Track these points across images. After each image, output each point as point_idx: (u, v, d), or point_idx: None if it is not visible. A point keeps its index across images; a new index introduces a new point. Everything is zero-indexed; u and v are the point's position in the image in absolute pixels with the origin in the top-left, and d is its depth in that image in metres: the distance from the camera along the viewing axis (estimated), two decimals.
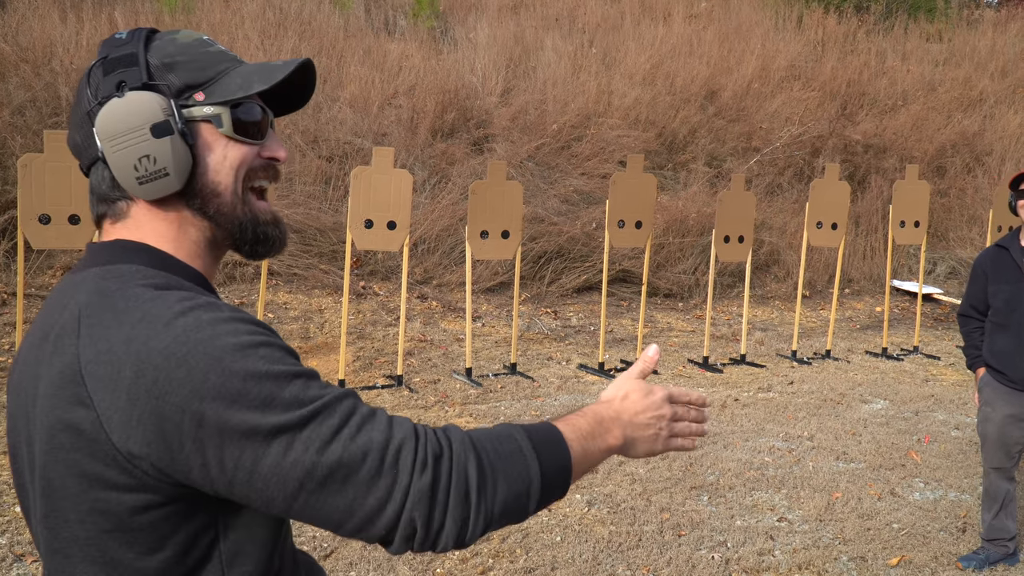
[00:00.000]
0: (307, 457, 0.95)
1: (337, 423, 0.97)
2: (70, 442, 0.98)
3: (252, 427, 0.94)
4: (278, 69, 1.12)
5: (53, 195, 5.20)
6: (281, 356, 0.98)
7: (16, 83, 8.06)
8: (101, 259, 1.08)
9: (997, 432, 3.89)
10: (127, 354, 0.95)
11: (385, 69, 10.24)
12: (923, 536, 4.36)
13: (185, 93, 1.09)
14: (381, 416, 1.01)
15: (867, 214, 10.82)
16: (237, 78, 1.11)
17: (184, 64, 1.10)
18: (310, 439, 0.95)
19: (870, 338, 8.71)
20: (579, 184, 9.59)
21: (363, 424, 0.99)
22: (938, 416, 6.33)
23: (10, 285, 6.57)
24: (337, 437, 0.96)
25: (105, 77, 1.08)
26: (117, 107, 1.06)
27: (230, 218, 1.13)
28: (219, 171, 1.11)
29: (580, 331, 8.04)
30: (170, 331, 0.95)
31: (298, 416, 0.95)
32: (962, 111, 12.93)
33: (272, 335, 1.01)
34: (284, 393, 0.95)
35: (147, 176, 1.07)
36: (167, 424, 0.93)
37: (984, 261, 4.00)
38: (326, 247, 7.98)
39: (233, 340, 0.96)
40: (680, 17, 13.55)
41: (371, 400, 5.95)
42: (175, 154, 1.07)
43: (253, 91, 1.11)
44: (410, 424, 1.02)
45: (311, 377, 1.00)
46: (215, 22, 10.20)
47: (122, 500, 0.97)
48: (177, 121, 1.07)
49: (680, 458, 5.18)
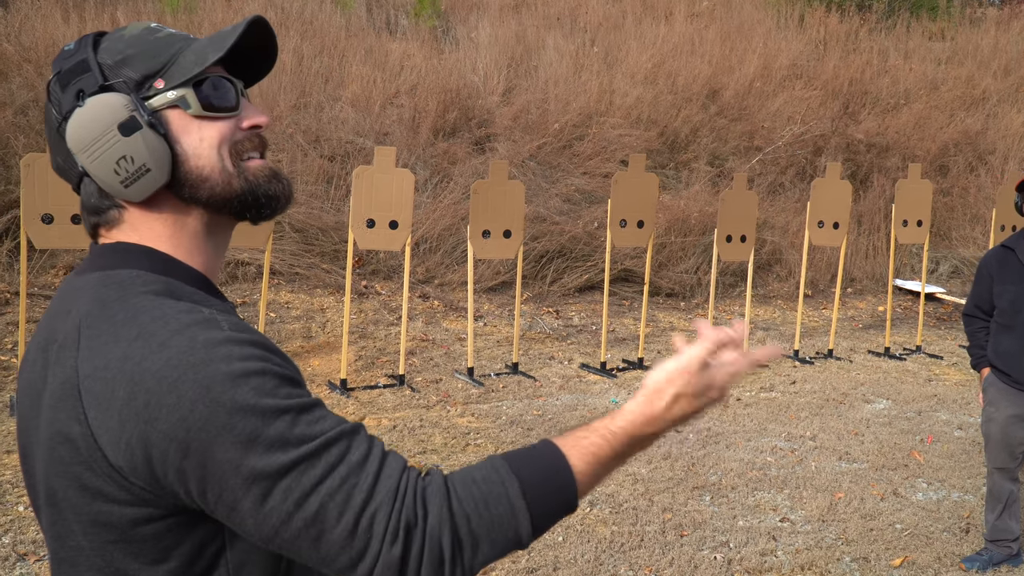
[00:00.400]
0: (284, 508, 0.93)
1: (320, 474, 0.93)
2: (69, 455, 0.97)
3: (234, 467, 0.92)
4: (229, 34, 1.08)
5: (56, 195, 5.20)
6: (274, 387, 0.95)
7: (19, 83, 8.06)
8: (102, 263, 1.07)
9: (1001, 432, 3.88)
10: (121, 373, 0.94)
11: (387, 68, 10.24)
12: (926, 537, 4.35)
13: (144, 84, 1.06)
14: (370, 467, 0.96)
15: (869, 213, 10.81)
16: (191, 55, 1.08)
17: (136, 56, 1.06)
18: (290, 489, 0.92)
19: (872, 337, 8.70)
20: (581, 183, 9.59)
21: (347, 478, 0.94)
22: (941, 416, 6.33)
23: (13, 284, 6.58)
24: (316, 491, 0.93)
25: (64, 91, 1.06)
26: (81, 116, 1.04)
27: (226, 197, 1.10)
28: (200, 154, 1.08)
29: (582, 331, 8.03)
30: (164, 352, 0.93)
31: (280, 462, 0.92)
32: (965, 110, 12.91)
33: (269, 357, 0.98)
34: (269, 431, 0.92)
35: (130, 177, 1.04)
36: (154, 450, 0.92)
37: (990, 262, 3.99)
38: (328, 246, 7.98)
39: (226, 368, 0.93)
40: (682, 16, 13.53)
41: (373, 400, 5.96)
42: (150, 148, 1.04)
43: (209, 62, 1.06)
44: (395, 481, 0.96)
45: (303, 410, 0.95)
46: (217, 22, 10.20)
47: (123, 513, 0.97)
48: (143, 114, 1.04)
49: (682, 458, 5.18)
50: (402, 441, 5.24)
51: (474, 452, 5.14)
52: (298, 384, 0.99)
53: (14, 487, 4.26)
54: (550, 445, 1.05)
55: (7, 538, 3.81)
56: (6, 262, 6.82)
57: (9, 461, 4.55)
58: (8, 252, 6.85)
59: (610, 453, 1.08)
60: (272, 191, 1.13)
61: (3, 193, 7.10)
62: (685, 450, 5.32)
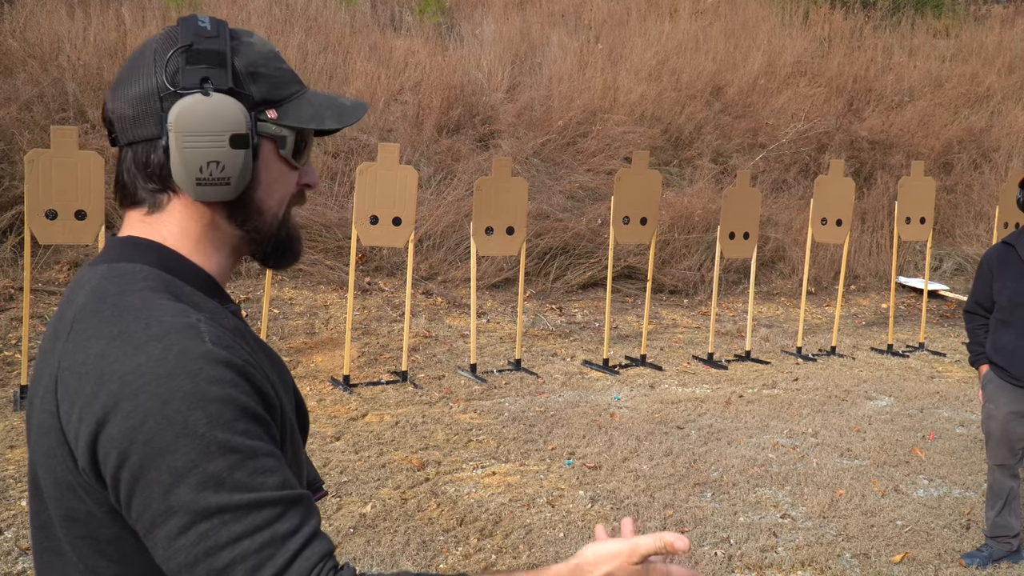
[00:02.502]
0: (193, 551, 0.90)
1: (240, 532, 0.90)
2: (47, 446, 0.98)
3: (162, 490, 0.90)
4: (348, 112, 1.14)
5: (60, 191, 5.22)
6: (231, 419, 0.92)
7: (23, 79, 8.09)
8: (112, 255, 1.08)
9: (1001, 429, 3.89)
10: (94, 370, 0.94)
11: (391, 65, 10.25)
12: (927, 533, 4.36)
13: (261, 107, 1.09)
14: (291, 544, 0.92)
15: (873, 210, 10.80)
16: (309, 107, 1.12)
17: (264, 76, 1.09)
18: (205, 535, 0.90)
19: (875, 335, 8.70)
20: (584, 180, 9.59)
21: (265, 547, 0.91)
22: (943, 413, 6.33)
23: (17, 280, 6.60)
24: (230, 547, 0.90)
25: (188, 67, 1.05)
26: (202, 105, 1.04)
27: (266, 236, 1.14)
28: (270, 191, 1.12)
29: (585, 327, 8.04)
30: (136, 357, 0.93)
31: (206, 503, 0.90)
32: (969, 107, 12.89)
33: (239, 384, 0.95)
34: (209, 466, 0.90)
35: (208, 180, 1.06)
36: (99, 451, 0.93)
37: (991, 258, 4.00)
38: (331, 243, 7.99)
39: (188, 386, 0.91)
40: (686, 13, 13.52)
41: (376, 396, 5.98)
42: (243, 167, 1.07)
43: (325, 126, 1.12)
44: (309, 565, 0.92)
45: (252, 456, 0.92)
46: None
47: (90, 510, 0.98)
48: (254, 136, 1.07)
49: (684, 455, 5.19)
50: (404, 437, 5.26)
51: (476, 448, 5.16)
52: (261, 421, 0.96)
53: (17, 482, 4.28)
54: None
55: (10, 532, 3.84)
56: (10, 258, 6.84)
57: (12, 456, 4.58)
58: (12, 248, 6.87)
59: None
60: (295, 248, 1.20)
61: (7, 189, 7.12)
62: (687, 446, 5.33)
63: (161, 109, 1.05)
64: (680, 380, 6.83)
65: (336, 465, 4.76)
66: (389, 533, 4.03)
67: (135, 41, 9.02)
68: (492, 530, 4.13)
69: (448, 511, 4.30)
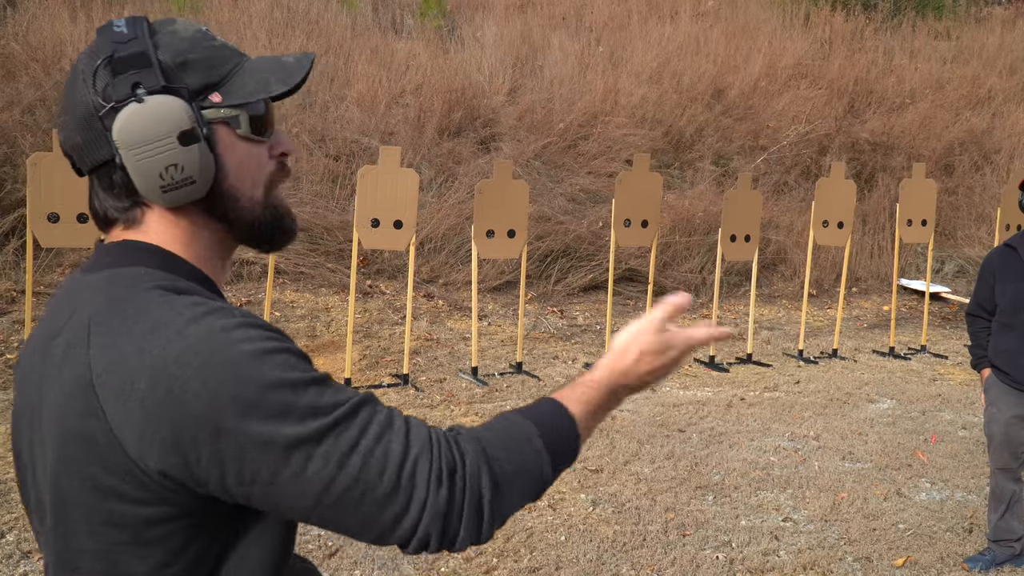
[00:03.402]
0: (326, 471, 0.94)
1: (355, 435, 0.96)
2: (83, 454, 0.97)
3: (270, 438, 0.93)
4: (293, 69, 1.10)
5: (62, 194, 5.23)
6: (296, 362, 0.97)
7: (26, 82, 8.10)
8: (109, 261, 1.07)
9: (1003, 433, 3.88)
10: (140, 365, 0.94)
11: (392, 68, 10.26)
12: (929, 537, 4.35)
13: (201, 94, 1.06)
14: (398, 424, 1.00)
15: (874, 213, 10.80)
16: (252, 77, 1.08)
17: (196, 62, 1.06)
18: (329, 453, 0.94)
19: (877, 337, 8.70)
20: (585, 183, 9.59)
21: (381, 435, 0.98)
22: (945, 416, 6.32)
23: (19, 283, 6.61)
24: (355, 450, 0.95)
25: (116, 78, 1.02)
26: (139, 113, 1.01)
27: (248, 221, 1.12)
28: (240, 175, 1.09)
29: (586, 330, 8.04)
30: (183, 340, 0.94)
31: (316, 427, 0.94)
32: (970, 109, 12.88)
33: (284, 339, 1.00)
34: (301, 402, 0.94)
35: (173, 185, 1.04)
36: (184, 435, 0.92)
37: (993, 260, 3.99)
38: (333, 246, 8.00)
39: (248, 347, 0.94)
40: (687, 16, 13.52)
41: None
42: (202, 161, 1.04)
43: (273, 92, 1.09)
44: (425, 432, 1.01)
45: (325, 383, 0.98)
46: (223, 21, 10.22)
47: (137, 513, 0.97)
48: (202, 128, 1.04)
49: (685, 458, 5.19)
50: None
51: None
52: (311, 362, 1.02)
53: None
54: (552, 400, 1.13)
55: (11, 535, 3.84)
56: (12, 261, 6.85)
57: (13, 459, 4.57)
58: (14, 251, 6.88)
59: (598, 401, 1.15)
60: (286, 226, 1.17)
61: (9, 192, 7.13)
62: (688, 450, 5.33)
63: (104, 128, 1.03)
64: (681, 383, 6.83)
65: None
66: None
67: None
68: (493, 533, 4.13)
69: None
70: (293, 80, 1.10)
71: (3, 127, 7.45)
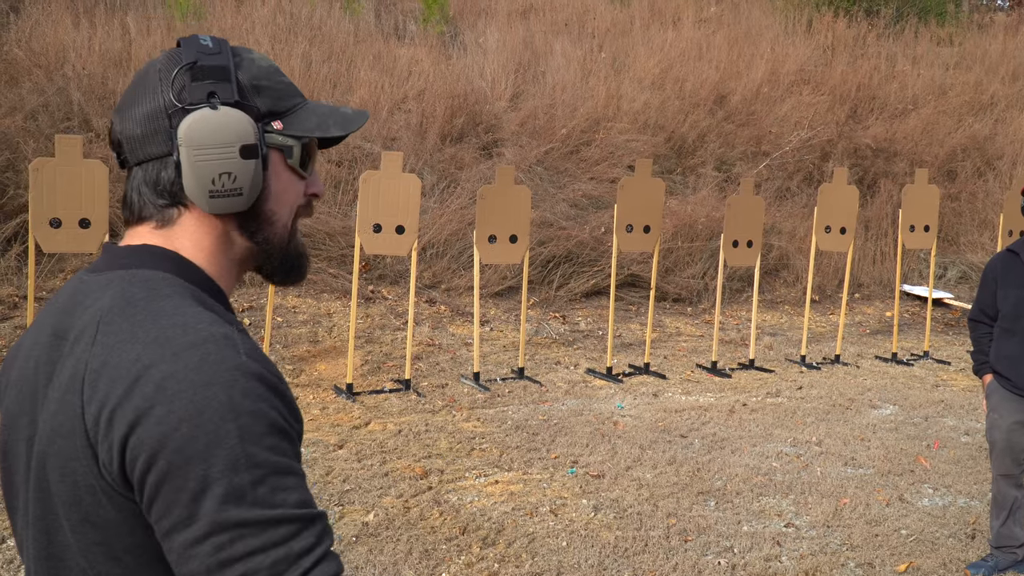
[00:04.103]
0: (208, 561, 0.90)
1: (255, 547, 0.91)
2: (68, 449, 0.97)
3: (186, 498, 0.90)
4: (351, 120, 1.17)
5: (64, 199, 5.24)
6: (260, 434, 0.93)
7: (29, 88, 8.12)
8: (126, 262, 1.07)
9: (1005, 439, 3.87)
10: (129, 374, 0.94)
11: (395, 74, 10.28)
12: (931, 543, 4.34)
13: (267, 119, 1.11)
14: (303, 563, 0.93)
15: (877, 218, 10.79)
16: (313, 116, 1.14)
17: (267, 89, 1.11)
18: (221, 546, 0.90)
19: (880, 343, 8.68)
20: (588, 188, 9.59)
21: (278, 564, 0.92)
22: (948, 421, 6.31)
23: (21, 289, 6.62)
24: (244, 561, 0.90)
25: (193, 83, 1.07)
26: (211, 119, 1.05)
27: (276, 247, 1.15)
28: (280, 201, 1.14)
29: (588, 336, 8.04)
30: (174, 363, 0.94)
31: (225, 517, 0.90)
32: (973, 115, 12.88)
33: (271, 400, 0.96)
34: (234, 479, 0.91)
35: (221, 192, 1.07)
36: (128, 454, 0.93)
37: (995, 266, 3.99)
38: (335, 251, 8.00)
39: (223, 397, 0.93)
40: (690, 21, 13.54)
41: (379, 404, 5.97)
42: (254, 177, 1.08)
43: (329, 134, 1.14)
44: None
45: (276, 472, 0.93)
46: (226, 27, 10.25)
47: (109, 516, 0.97)
48: (263, 146, 1.09)
49: (687, 463, 5.18)
50: (407, 446, 5.25)
51: (479, 457, 5.15)
52: (288, 438, 0.97)
53: None
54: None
55: (12, 541, 3.83)
56: (15, 266, 6.86)
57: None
58: (17, 256, 6.89)
59: None
60: (302, 265, 1.21)
61: (12, 198, 7.15)
62: (690, 455, 5.32)
63: (170, 126, 1.07)
64: (684, 389, 6.82)
65: (339, 473, 4.76)
66: (392, 542, 4.02)
67: (140, 51, 9.06)
68: (495, 539, 4.12)
69: (451, 520, 4.29)
70: (349, 128, 1.16)
71: (6, 133, 7.47)
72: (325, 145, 1.23)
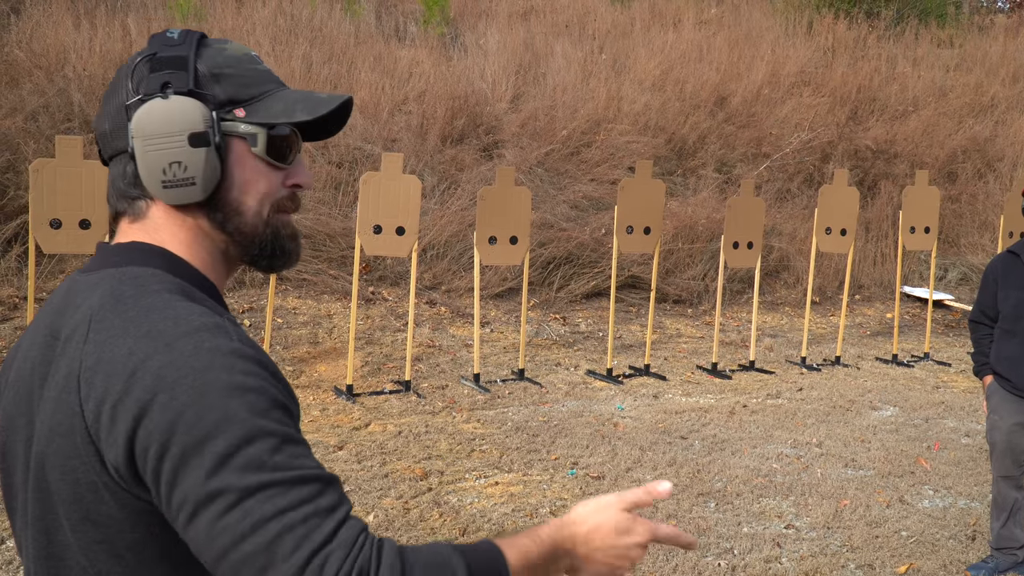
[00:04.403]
0: (239, 527, 0.89)
1: (285, 505, 0.91)
2: (67, 448, 0.97)
3: (204, 476, 0.90)
4: (322, 103, 1.13)
5: (64, 200, 5.24)
6: (266, 408, 0.94)
7: (29, 89, 8.12)
8: (116, 260, 1.08)
9: (1005, 440, 3.86)
10: (124, 367, 0.94)
11: (395, 75, 10.28)
12: (932, 544, 4.34)
13: (227, 106, 1.09)
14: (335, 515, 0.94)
15: (877, 220, 10.79)
16: (280, 102, 1.12)
17: (231, 77, 1.10)
18: (250, 510, 0.90)
19: (880, 344, 8.68)
20: (588, 190, 9.60)
21: (310, 517, 0.92)
22: (948, 423, 6.30)
23: (21, 290, 6.62)
24: (277, 519, 0.90)
25: (150, 74, 1.07)
26: (159, 108, 1.05)
27: (249, 237, 1.13)
28: (245, 190, 1.11)
29: (589, 337, 8.03)
30: (170, 352, 0.94)
31: (248, 482, 0.90)
32: (973, 117, 12.88)
33: (268, 379, 0.97)
34: (249, 450, 0.91)
35: (173, 181, 1.06)
36: (137, 447, 0.93)
37: (995, 267, 3.99)
38: (335, 252, 8.00)
39: (225, 377, 0.93)
40: (690, 23, 13.55)
41: (379, 406, 5.97)
42: (207, 166, 1.07)
43: (295, 119, 1.11)
44: (355, 533, 0.94)
45: (288, 441, 0.94)
46: (227, 28, 10.26)
47: (112, 514, 0.97)
48: (215, 134, 1.07)
49: (687, 465, 5.17)
50: (407, 447, 5.25)
51: (479, 458, 5.15)
52: (290, 414, 0.98)
53: None
54: (491, 545, 1.06)
55: (12, 542, 3.83)
56: (15, 267, 6.86)
57: None
58: (17, 257, 6.89)
59: (537, 557, 1.08)
60: (288, 247, 1.17)
61: (12, 199, 7.15)
62: (690, 456, 5.32)
63: (127, 118, 1.07)
64: (684, 390, 6.82)
65: (339, 474, 4.75)
66: None
67: None
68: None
69: (451, 521, 4.29)
70: (318, 111, 1.11)
71: (6, 134, 7.47)
72: (314, 135, 1.20)
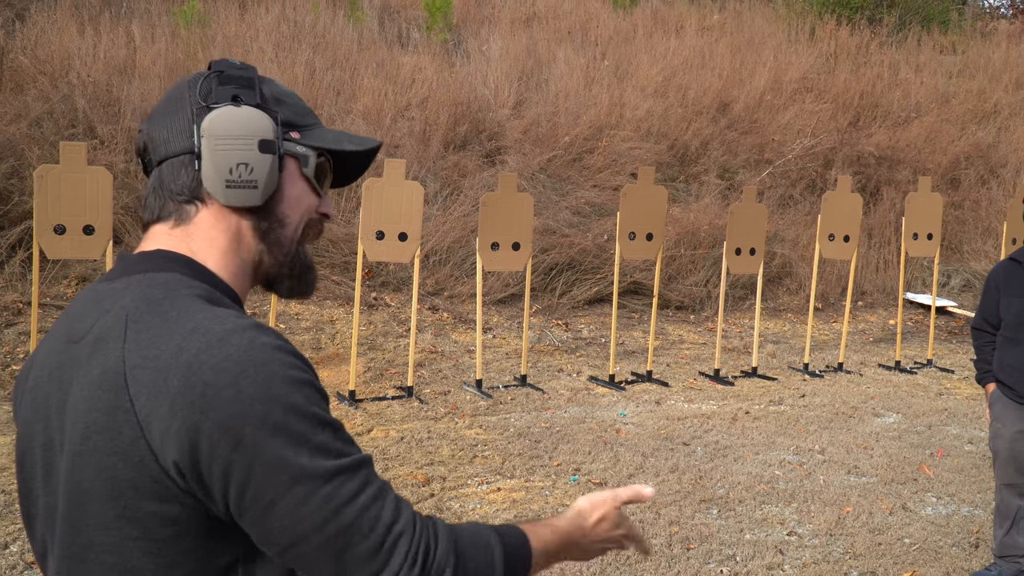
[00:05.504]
0: (323, 512, 0.98)
1: (356, 488, 1.00)
2: (106, 445, 0.99)
3: (284, 463, 0.96)
4: (363, 140, 1.24)
5: (68, 206, 5.25)
6: (318, 400, 1.02)
7: (34, 95, 8.15)
8: (143, 267, 1.10)
9: (1008, 448, 3.86)
10: (176, 363, 0.97)
11: (398, 81, 10.30)
12: (935, 552, 4.33)
13: (285, 128, 1.17)
14: (392, 495, 1.05)
15: (880, 226, 10.78)
16: (329, 134, 1.22)
17: (288, 105, 1.19)
18: (331, 496, 0.98)
19: (883, 351, 8.67)
20: (590, 196, 9.60)
21: (377, 497, 1.02)
22: (951, 430, 6.30)
23: (25, 295, 6.63)
24: (354, 502, 0.99)
25: (219, 86, 1.13)
26: (232, 113, 1.12)
27: (285, 251, 1.19)
28: (292, 205, 1.18)
29: (591, 343, 8.03)
30: (224, 348, 0.97)
31: (325, 467, 0.98)
32: (976, 123, 12.88)
33: (312, 373, 1.04)
34: (318, 437, 0.99)
35: (237, 182, 1.12)
36: (203, 441, 0.95)
37: (997, 274, 3.98)
38: (338, 258, 8.01)
39: (283, 371, 0.99)
40: (692, 29, 13.57)
41: (382, 411, 5.98)
42: (269, 172, 1.14)
43: (344, 148, 1.21)
44: (411, 511, 1.06)
45: (339, 429, 1.03)
46: (230, 35, 10.29)
47: (151, 509, 0.99)
48: (280, 144, 1.15)
49: (690, 471, 5.17)
50: (409, 453, 5.25)
51: (481, 464, 5.15)
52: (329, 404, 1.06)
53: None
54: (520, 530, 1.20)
55: (15, 546, 3.84)
56: (19, 272, 6.87)
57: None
58: (21, 262, 6.91)
59: (554, 548, 1.25)
60: (308, 278, 1.25)
61: (16, 204, 7.17)
62: (693, 463, 5.31)
63: (192, 121, 1.13)
64: (686, 396, 6.82)
65: None
66: None
67: (144, 59, 9.09)
68: None
69: None
70: (364, 146, 1.23)
71: (10, 140, 7.50)
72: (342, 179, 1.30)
